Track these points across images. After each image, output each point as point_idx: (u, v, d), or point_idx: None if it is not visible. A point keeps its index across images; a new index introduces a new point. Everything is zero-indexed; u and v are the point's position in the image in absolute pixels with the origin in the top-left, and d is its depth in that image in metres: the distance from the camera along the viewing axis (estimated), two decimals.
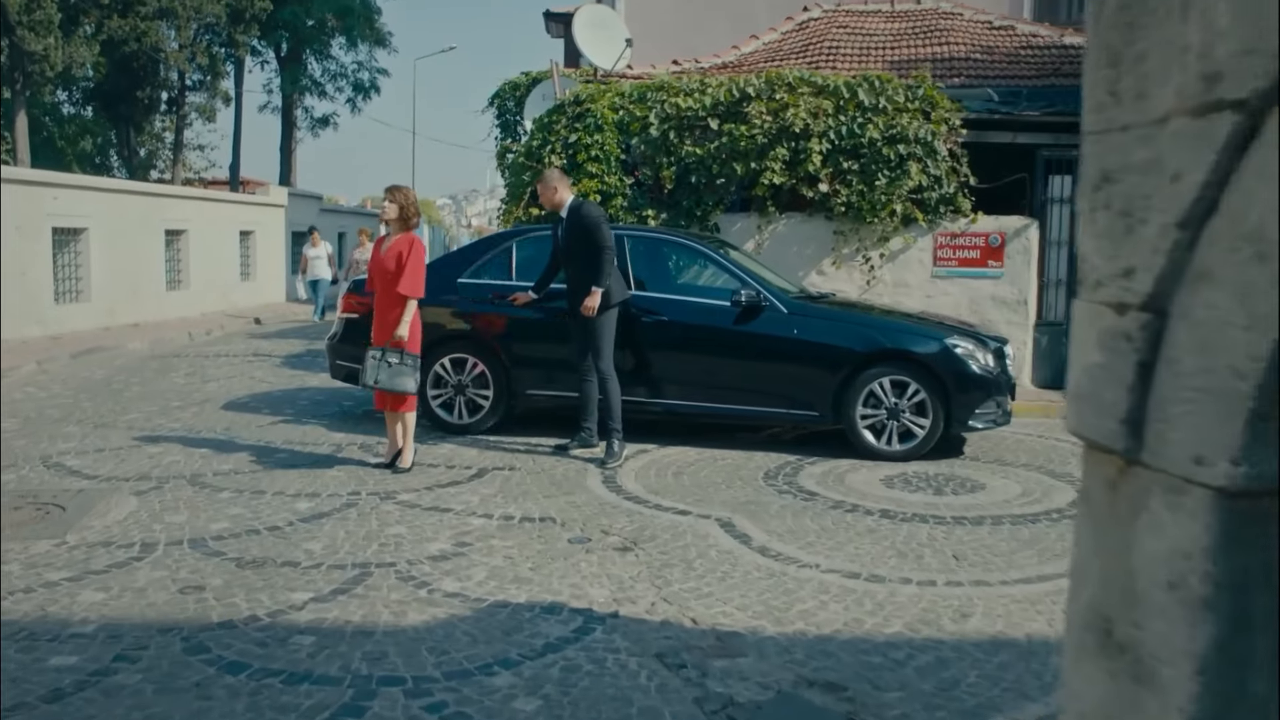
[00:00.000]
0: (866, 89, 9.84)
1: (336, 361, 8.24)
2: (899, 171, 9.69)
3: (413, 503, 5.85)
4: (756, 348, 7.41)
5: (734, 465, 7.03)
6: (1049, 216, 10.12)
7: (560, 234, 7.14)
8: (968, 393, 7.23)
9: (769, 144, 9.78)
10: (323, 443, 7.47)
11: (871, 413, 7.28)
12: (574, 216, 7.05)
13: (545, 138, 10.28)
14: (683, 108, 10.04)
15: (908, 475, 6.86)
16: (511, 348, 7.74)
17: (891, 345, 7.25)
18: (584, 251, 6.95)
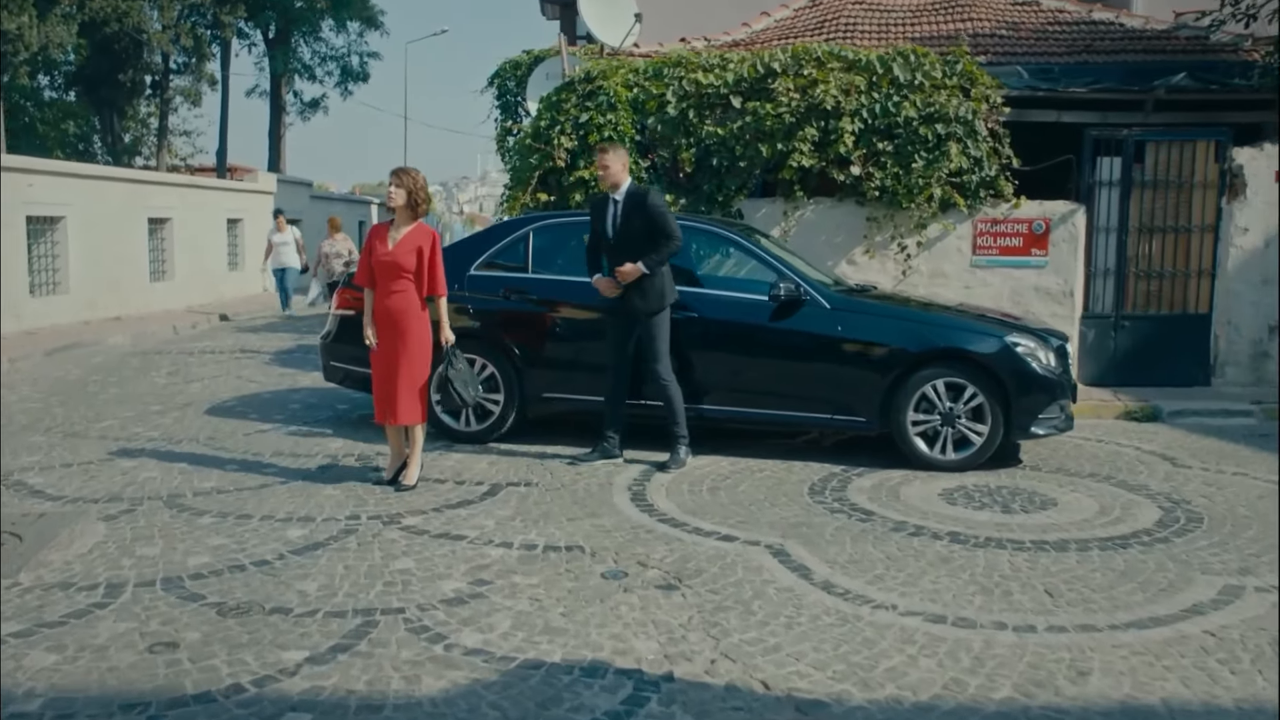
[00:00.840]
0: (901, 64, 9.14)
1: (331, 363, 7.54)
2: (937, 153, 8.99)
3: (420, 529, 5.16)
4: (796, 347, 6.73)
5: (774, 478, 6.36)
6: (1097, 201, 9.43)
7: (614, 218, 6.47)
8: (1030, 396, 6.56)
9: (797, 123, 9.07)
10: (316, 454, 6.77)
11: (924, 418, 6.61)
12: (634, 201, 6.41)
13: (554, 117, 9.56)
14: (703, 84, 9.32)
15: (967, 489, 6.20)
16: (525, 347, 7.05)
17: (946, 344, 6.57)
18: (643, 240, 6.35)
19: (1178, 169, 9.36)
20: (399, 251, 5.83)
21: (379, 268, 5.83)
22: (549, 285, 7.06)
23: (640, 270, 6.32)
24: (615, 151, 6.51)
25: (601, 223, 6.51)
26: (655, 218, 6.36)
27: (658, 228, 6.36)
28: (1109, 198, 9.43)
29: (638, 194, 6.48)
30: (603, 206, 6.54)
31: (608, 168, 6.46)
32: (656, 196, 6.47)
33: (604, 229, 6.49)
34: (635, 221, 6.38)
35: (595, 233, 6.58)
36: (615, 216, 6.46)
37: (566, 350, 7.02)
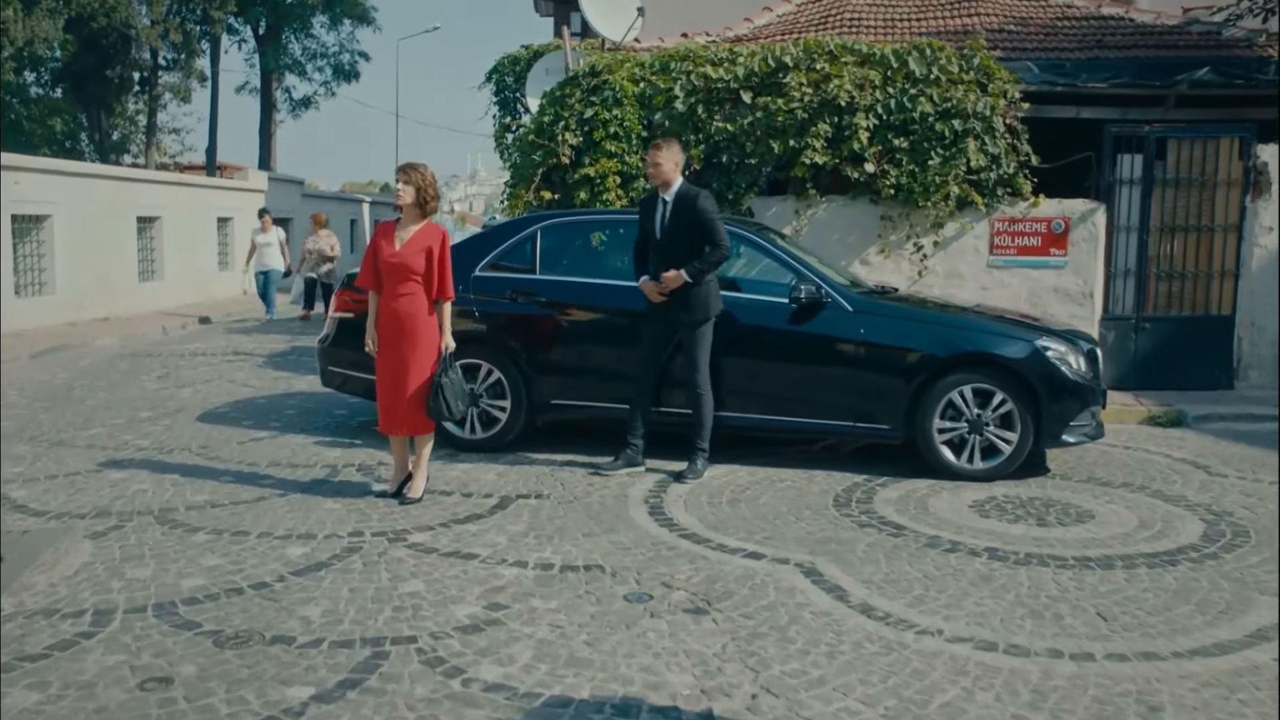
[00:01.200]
0: (917, 58, 8.87)
1: (329, 368, 7.24)
2: (954, 150, 8.73)
3: (428, 546, 4.87)
4: (816, 351, 6.46)
5: (796, 489, 6.08)
6: (1117, 199, 9.18)
7: (662, 219, 6.19)
8: (1061, 402, 6.30)
9: (809, 119, 8.81)
10: (315, 464, 6.47)
11: (950, 426, 6.34)
12: (684, 204, 6.14)
13: (558, 113, 9.28)
14: (712, 79, 9.05)
15: (998, 500, 5.94)
16: (533, 352, 6.76)
17: (975, 348, 6.31)
18: (691, 245, 6.09)
19: (1200, 167, 9.12)
20: (407, 252, 5.54)
21: (386, 269, 5.53)
22: (558, 287, 6.78)
23: (683, 278, 6.05)
24: (669, 148, 6.22)
25: (650, 222, 6.23)
26: (704, 223, 6.09)
27: (706, 233, 6.09)
28: (1129, 196, 9.18)
29: (688, 196, 6.19)
30: (652, 205, 6.27)
31: (659, 165, 6.18)
32: (707, 200, 6.18)
33: (652, 229, 6.21)
34: (684, 224, 6.11)
35: (643, 232, 6.31)
36: (664, 217, 6.18)
37: (577, 355, 6.74)
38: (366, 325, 5.61)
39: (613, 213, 7.94)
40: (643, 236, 6.32)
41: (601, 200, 9.00)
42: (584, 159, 9.12)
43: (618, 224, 7.07)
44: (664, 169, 6.17)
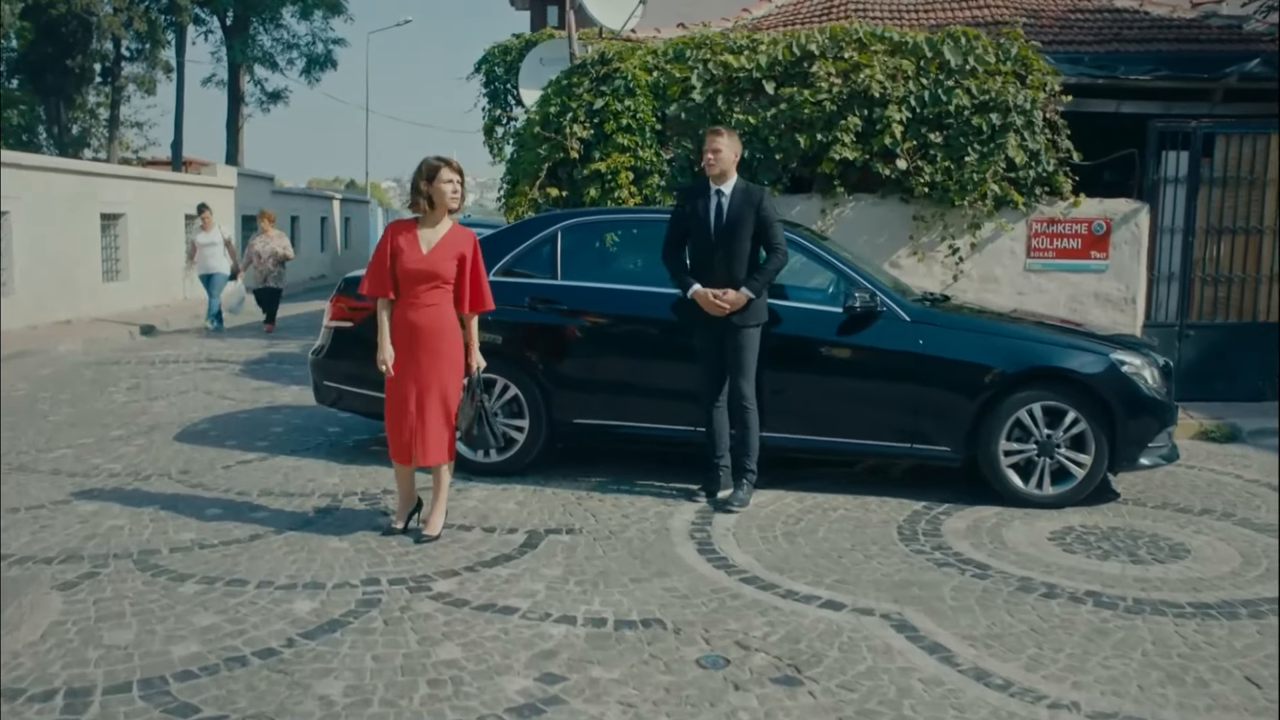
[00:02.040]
0: (952, 47, 8.31)
1: (324, 383, 6.57)
2: (992, 145, 8.18)
3: (457, 597, 4.22)
4: (869, 365, 5.88)
5: (853, 519, 5.50)
6: (1161, 199, 8.68)
7: (716, 215, 5.60)
8: (1139, 422, 5.77)
9: (838, 111, 8.22)
10: (312, 492, 5.80)
11: (1017, 448, 5.78)
12: (746, 200, 5.59)
13: (564, 103, 8.64)
14: (733, 68, 8.44)
15: (1077, 531, 5.39)
16: (555, 366, 6.13)
17: (1045, 363, 5.75)
18: (747, 247, 5.56)
19: (1249, 164, 8.64)
20: (439, 258, 4.88)
21: (408, 275, 4.86)
22: (583, 294, 6.14)
23: (745, 298, 5.50)
24: (730, 136, 5.67)
25: (699, 218, 5.63)
26: (768, 225, 5.57)
27: (767, 236, 5.56)
28: (1174, 196, 8.69)
29: (753, 192, 5.64)
30: (699, 198, 5.67)
31: (719, 153, 5.60)
32: (769, 198, 5.66)
33: (704, 225, 5.61)
34: (742, 223, 5.55)
35: (683, 228, 5.71)
36: (721, 212, 5.59)
37: (604, 369, 6.12)
38: (379, 339, 4.94)
39: (643, 211, 7.32)
40: (680, 232, 5.72)
41: (613, 198, 8.37)
42: (594, 153, 8.49)
43: (649, 224, 6.45)
44: (724, 158, 5.60)
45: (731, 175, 5.66)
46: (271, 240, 14.04)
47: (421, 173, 4.94)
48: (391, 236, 4.95)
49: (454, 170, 4.94)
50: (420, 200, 4.93)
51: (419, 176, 4.95)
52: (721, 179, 5.63)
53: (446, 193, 4.90)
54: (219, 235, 14.27)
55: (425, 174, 4.93)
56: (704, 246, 5.61)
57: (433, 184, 4.89)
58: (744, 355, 5.61)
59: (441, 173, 4.90)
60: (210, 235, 14.20)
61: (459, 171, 4.96)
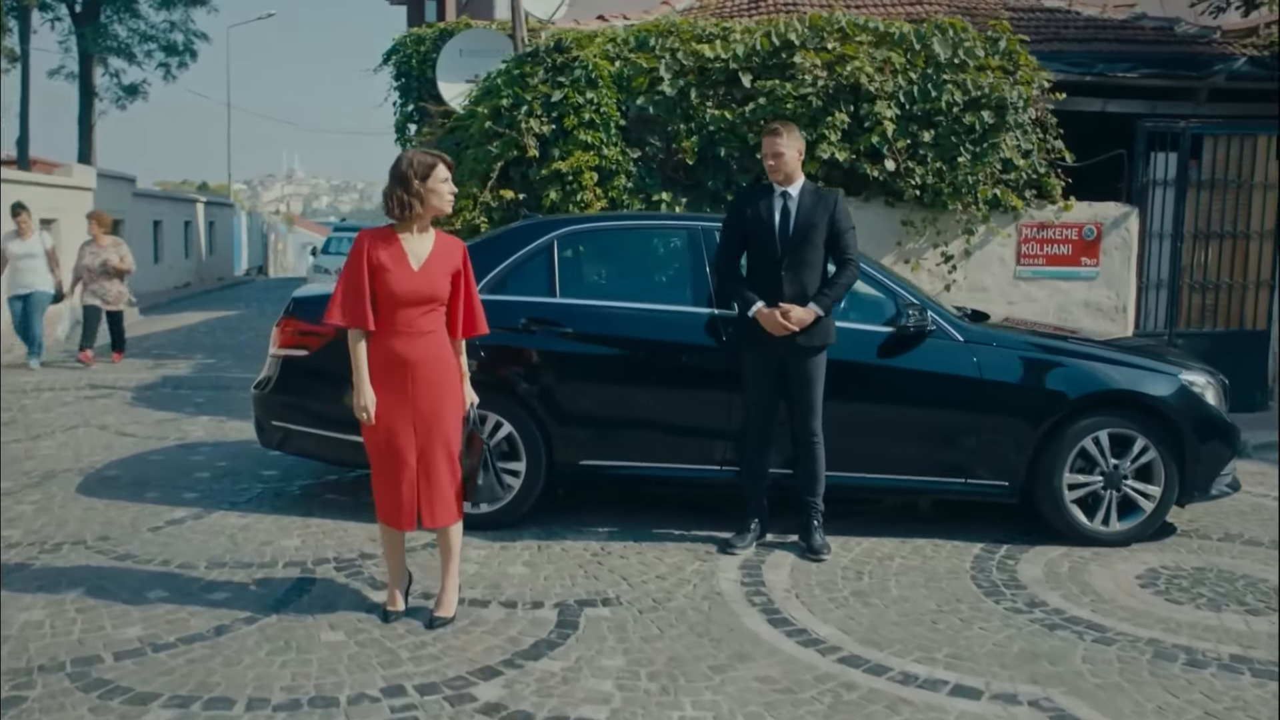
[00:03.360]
0: (940, 39, 7.81)
1: (271, 422, 5.57)
2: (985, 145, 7.70)
3: (513, 709, 3.36)
4: (920, 392, 5.25)
5: (914, 568, 4.86)
6: (1149, 202, 8.36)
7: (782, 224, 4.91)
8: (1211, 447, 5.31)
9: (824, 107, 7.61)
10: (273, 561, 4.81)
11: (1082, 480, 5.23)
12: (818, 204, 4.93)
13: (518, 95, 7.77)
14: (706, 57, 7.73)
15: (1162, 573, 4.89)
16: (555, 398, 5.29)
17: (1113, 386, 5.22)
18: (820, 257, 4.93)
19: (1237, 167, 8.41)
20: (434, 274, 4.01)
21: (398, 299, 3.96)
22: (588, 314, 5.31)
23: (814, 314, 4.83)
24: (789, 134, 4.96)
25: (761, 224, 4.91)
26: (842, 233, 4.92)
27: (839, 247, 4.92)
28: (1163, 199, 8.40)
29: (825, 196, 4.98)
30: (760, 203, 4.95)
31: (781, 155, 4.91)
32: (843, 200, 5.02)
33: (767, 232, 4.90)
34: (816, 231, 4.88)
35: (740, 236, 5.00)
36: (789, 217, 4.89)
37: (615, 402, 5.31)
38: (357, 380, 3.99)
39: (654, 217, 6.56)
40: (736, 241, 5.01)
41: (575, 201, 7.56)
42: (553, 151, 7.66)
43: (662, 232, 5.68)
44: (787, 160, 4.91)
45: (799, 175, 4.97)
46: (104, 251, 11.48)
47: (412, 170, 4.04)
48: (368, 250, 4.00)
49: (450, 168, 4.08)
50: (408, 204, 4.01)
51: (406, 174, 4.04)
52: (788, 181, 4.93)
53: (444, 195, 4.04)
54: (40, 244, 11.32)
55: (418, 171, 4.02)
56: (768, 257, 4.89)
57: (427, 183, 4.00)
58: (813, 384, 4.93)
59: (437, 170, 4.02)
60: (29, 244, 11.20)
61: (451, 169, 4.09)
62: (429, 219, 4.06)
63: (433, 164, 4.03)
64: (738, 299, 4.95)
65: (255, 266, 39.50)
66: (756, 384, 5.01)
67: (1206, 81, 8.37)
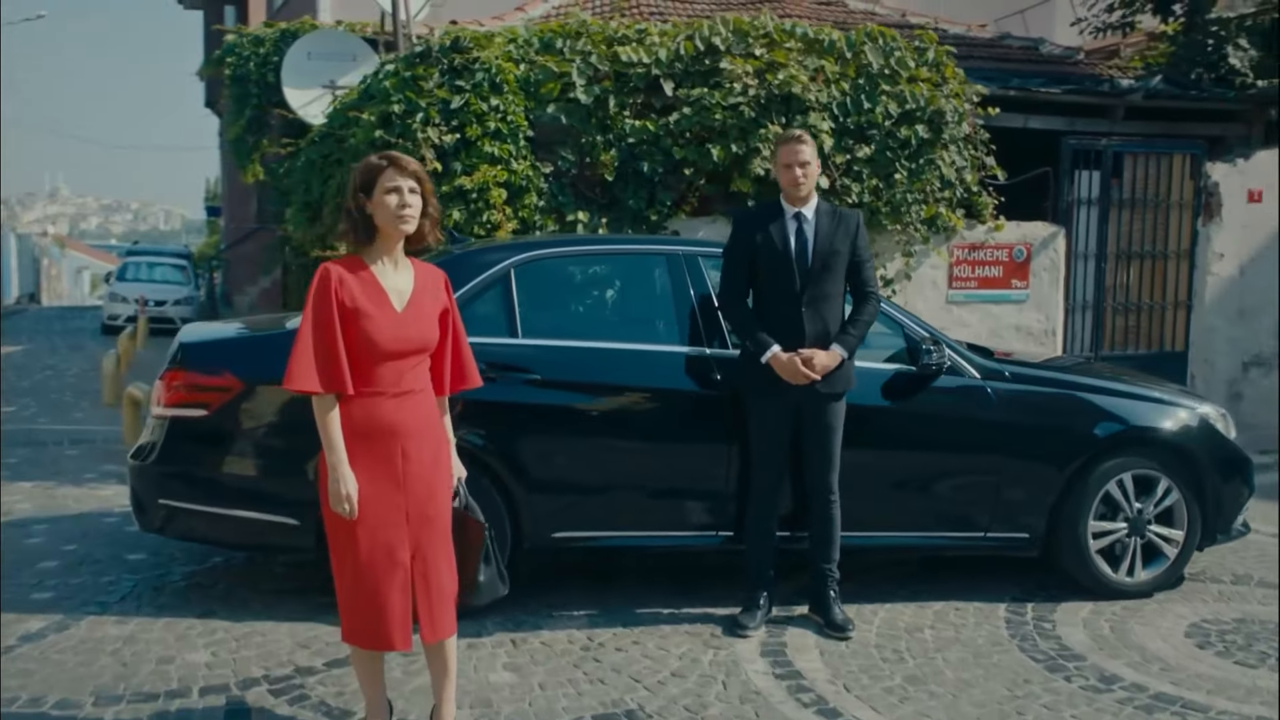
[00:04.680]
0: (872, 47, 7.47)
1: (157, 500, 4.53)
2: (922, 161, 7.40)
3: None
4: (936, 438, 4.79)
5: (949, 639, 4.39)
6: (1074, 222, 8.28)
7: (799, 250, 4.33)
8: (1233, 485, 5.08)
9: (755, 118, 7.11)
10: (185, 687, 3.80)
11: (1106, 527, 4.88)
12: (839, 226, 4.38)
13: (411, 101, 6.91)
14: (629, 62, 7.11)
15: (1208, 628, 4.62)
16: (523, 459, 4.50)
17: (1139, 423, 4.90)
18: (839, 290, 4.40)
19: (1155, 186, 8.45)
20: (422, 315, 3.21)
21: (381, 350, 3.12)
22: (560, 357, 4.55)
23: (840, 359, 4.28)
24: (812, 144, 4.37)
25: (775, 253, 4.29)
26: (866, 262, 4.42)
27: (863, 278, 4.41)
28: (1087, 218, 8.34)
29: (846, 217, 4.44)
30: (772, 226, 4.36)
31: (806, 166, 4.34)
32: (862, 224, 4.46)
33: (783, 262, 4.31)
34: (839, 259, 4.34)
35: (748, 268, 4.40)
36: (806, 245, 4.31)
37: (593, 461, 4.57)
38: (333, 462, 3.09)
39: (630, 241, 5.89)
40: (744, 273, 4.41)
41: (482, 223, 6.78)
42: (454, 165, 6.85)
43: (639, 258, 4.99)
44: (813, 170, 4.35)
45: (814, 195, 4.40)
46: None
47: (354, 180, 3.23)
48: (336, 289, 3.14)
49: (404, 171, 3.17)
50: (358, 225, 3.18)
51: (351, 187, 3.23)
52: (805, 202, 4.35)
53: (393, 208, 3.14)
54: None
55: (358, 182, 3.19)
56: (785, 291, 4.30)
57: (371, 195, 3.16)
58: (833, 436, 4.37)
59: (383, 176, 3.14)
60: None
61: (415, 174, 3.20)
62: (398, 243, 3.23)
63: (376, 168, 3.17)
64: (750, 341, 4.33)
65: (26, 294, 36.15)
66: (767, 436, 4.41)
67: (1124, 99, 8.38)
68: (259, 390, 4.37)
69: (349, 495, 3.07)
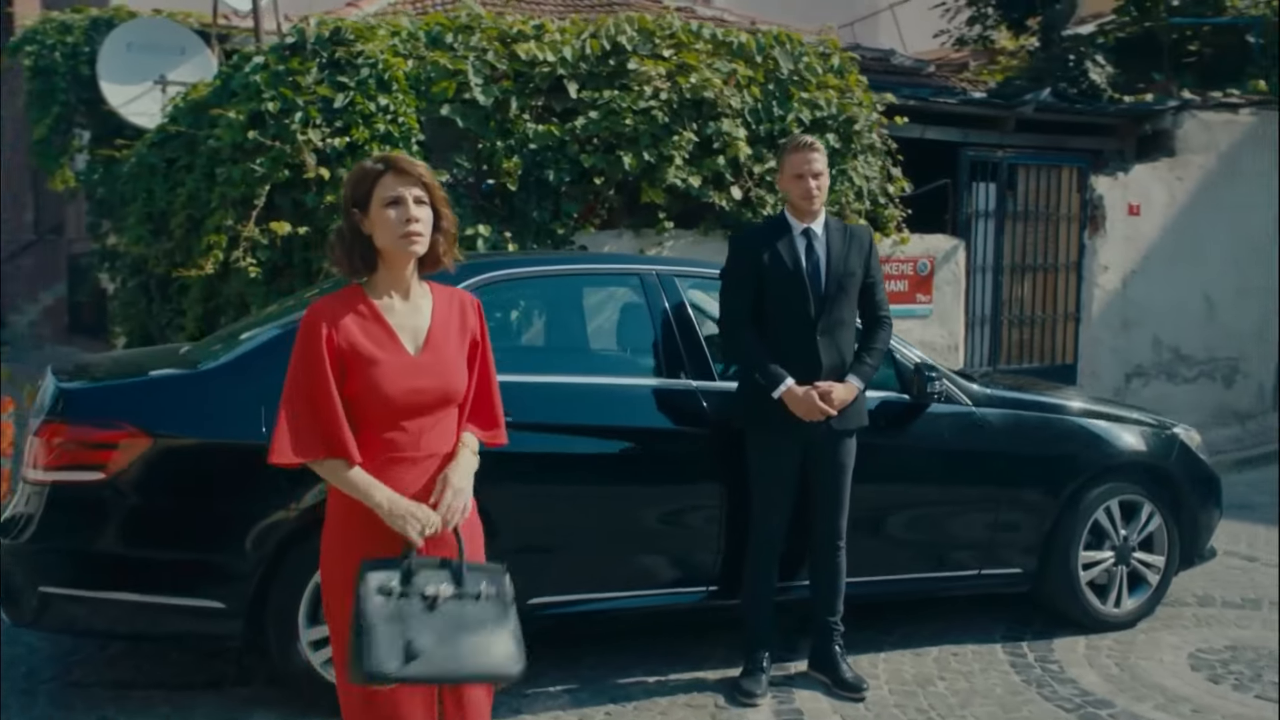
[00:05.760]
0: (782, 52, 7.21)
1: (37, 587, 3.68)
2: (835, 171, 7.17)
3: None
4: (933, 471, 4.51)
5: (966, 689, 4.15)
6: (973, 234, 8.28)
7: (812, 270, 3.94)
8: (1209, 508, 5.04)
9: (668, 124, 6.71)
10: None
11: (1095, 557, 4.73)
12: (847, 243, 4.03)
13: (288, 99, 6.14)
14: (531, 61, 6.58)
15: (1207, 658, 4.52)
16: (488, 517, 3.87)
17: (1126, 448, 4.78)
18: (853, 315, 4.07)
19: (1046, 198, 8.55)
20: (444, 355, 2.62)
21: (393, 405, 2.52)
22: (524, 395, 3.97)
23: (856, 391, 3.94)
24: (824, 152, 4.00)
25: (785, 273, 3.91)
26: (879, 284, 4.14)
27: (878, 301, 4.11)
28: (984, 231, 8.35)
29: (857, 233, 4.11)
30: (780, 244, 3.93)
31: (821, 175, 3.98)
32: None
33: (795, 284, 3.92)
34: (854, 280, 3.99)
35: (751, 293, 3.99)
36: (818, 265, 3.92)
37: (568, 515, 4.04)
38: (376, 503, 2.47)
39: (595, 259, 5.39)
40: (748, 296, 3.98)
41: None
42: (339, 171, 6.13)
43: (607, 278, 4.49)
44: (826, 183, 4.01)
45: (823, 210, 4.01)
46: None
47: (345, 194, 2.63)
48: (329, 334, 2.51)
49: (408, 177, 2.55)
50: (353, 250, 2.57)
51: (344, 201, 2.63)
52: (815, 215, 3.96)
53: (392, 225, 2.54)
54: None
55: (350, 194, 2.59)
56: (797, 318, 3.91)
57: (368, 212, 2.57)
58: (845, 476, 4.02)
59: (381, 185, 2.55)
60: None
61: (422, 180, 2.57)
62: (406, 268, 2.62)
63: (370, 175, 2.56)
64: (761, 374, 3.90)
65: None
66: (773, 478, 4.00)
67: (1014, 111, 8.45)
68: (169, 444, 3.62)
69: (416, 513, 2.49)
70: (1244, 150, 9.13)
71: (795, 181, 3.97)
